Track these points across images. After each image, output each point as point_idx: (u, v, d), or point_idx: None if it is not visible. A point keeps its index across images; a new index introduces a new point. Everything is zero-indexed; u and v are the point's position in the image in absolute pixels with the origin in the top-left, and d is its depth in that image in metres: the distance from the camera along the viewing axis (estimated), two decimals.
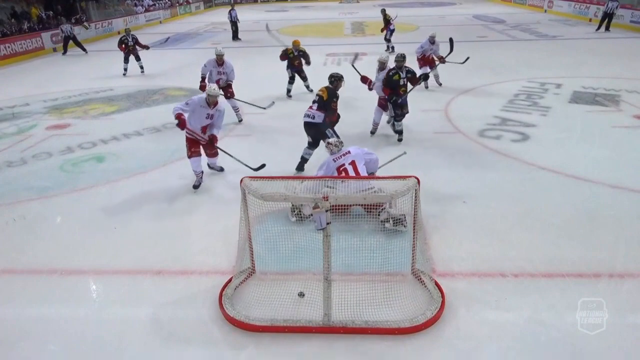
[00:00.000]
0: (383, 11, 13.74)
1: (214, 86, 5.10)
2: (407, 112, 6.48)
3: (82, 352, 3.07)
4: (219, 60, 7.20)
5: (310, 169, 5.52)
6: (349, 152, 4.55)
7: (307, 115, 5.49)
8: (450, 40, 7.88)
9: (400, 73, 6.16)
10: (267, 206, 3.30)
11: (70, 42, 15.18)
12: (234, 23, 17.40)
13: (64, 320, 3.34)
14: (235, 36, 17.51)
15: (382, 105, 6.61)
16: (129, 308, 3.45)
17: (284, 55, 8.74)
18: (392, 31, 13.61)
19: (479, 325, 3.17)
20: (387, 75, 6.24)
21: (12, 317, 3.40)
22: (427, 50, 8.99)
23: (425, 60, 9.05)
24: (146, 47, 11.68)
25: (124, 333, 3.20)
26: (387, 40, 13.68)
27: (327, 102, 5.45)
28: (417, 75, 6.54)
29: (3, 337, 3.20)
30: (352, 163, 4.46)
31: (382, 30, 13.79)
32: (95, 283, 3.81)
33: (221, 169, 5.69)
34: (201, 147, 5.26)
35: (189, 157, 5.19)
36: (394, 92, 6.22)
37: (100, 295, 3.69)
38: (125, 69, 11.44)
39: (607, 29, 16.17)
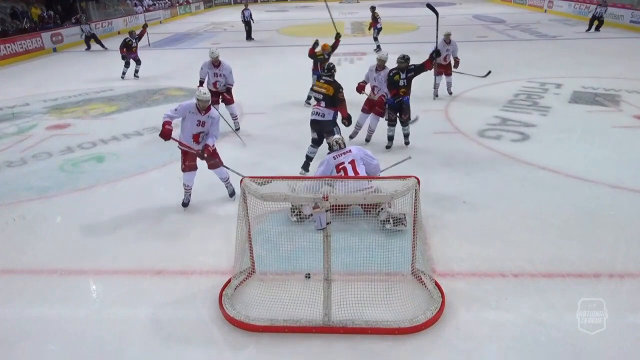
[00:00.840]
0: (372, 9, 13.78)
1: (204, 90, 4.65)
2: (407, 119, 6.25)
3: (82, 352, 3.07)
4: (215, 62, 6.89)
5: (314, 169, 5.51)
6: (350, 151, 4.55)
7: (316, 113, 5.36)
8: (429, 5, 6.98)
9: (401, 74, 6.14)
10: (267, 206, 3.30)
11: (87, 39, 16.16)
12: (247, 22, 17.01)
13: (64, 320, 3.34)
14: (248, 36, 17.29)
15: (379, 112, 6.38)
16: (129, 308, 3.45)
17: (313, 50, 8.20)
18: (379, 30, 13.77)
19: (479, 325, 3.17)
20: (388, 75, 6.21)
21: (12, 317, 3.40)
22: (442, 51, 8.02)
23: (440, 64, 8.09)
24: (145, 27, 12.17)
25: (124, 333, 3.20)
26: (375, 39, 13.81)
27: (334, 95, 5.24)
28: (429, 56, 6.29)
29: (3, 337, 3.20)
30: (352, 162, 4.46)
31: (369, 29, 13.92)
32: (95, 283, 3.81)
33: (233, 193, 5.05)
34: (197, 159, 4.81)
35: (183, 170, 4.81)
36: (397, 93, 6.17)
37: (100, 295, 3.69)
38: (124, 73, 11.35)
39: (597, 29, 16.25)
